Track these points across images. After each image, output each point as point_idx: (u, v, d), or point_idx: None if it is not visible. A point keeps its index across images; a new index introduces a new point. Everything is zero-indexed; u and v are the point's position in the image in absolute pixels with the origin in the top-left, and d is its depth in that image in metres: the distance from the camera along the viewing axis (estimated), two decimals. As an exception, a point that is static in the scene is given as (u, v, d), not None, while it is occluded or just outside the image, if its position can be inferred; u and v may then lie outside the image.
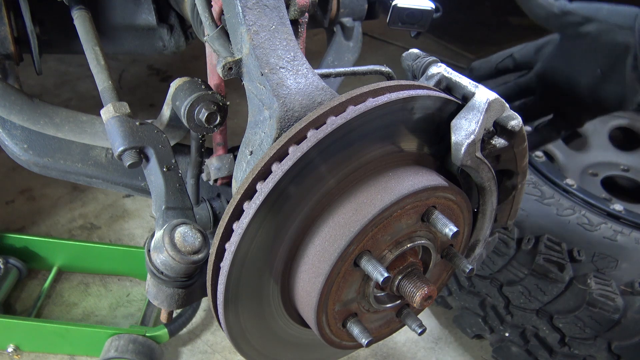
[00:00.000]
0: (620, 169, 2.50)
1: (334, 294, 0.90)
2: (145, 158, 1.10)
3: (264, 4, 0.99)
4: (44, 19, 1.54)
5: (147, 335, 2.05)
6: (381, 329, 1.04)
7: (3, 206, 2.74)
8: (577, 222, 1.91)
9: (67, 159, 1.49)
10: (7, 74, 1.55)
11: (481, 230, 1.10)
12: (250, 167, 0.99)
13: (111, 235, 2.67)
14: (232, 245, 0.85)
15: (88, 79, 3.49)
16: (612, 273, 1.78)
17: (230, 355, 2.22)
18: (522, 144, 1.04)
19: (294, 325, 1.02)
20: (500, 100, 0.94)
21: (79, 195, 2.85)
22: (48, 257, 2.38)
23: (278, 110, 0.92)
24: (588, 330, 1.77)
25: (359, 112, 0.84)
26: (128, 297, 2.40)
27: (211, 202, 1.47)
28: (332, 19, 1.86)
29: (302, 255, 0.91)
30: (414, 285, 0.93)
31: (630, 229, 1.90)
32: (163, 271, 0.95)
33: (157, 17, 1.64)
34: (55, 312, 2.31)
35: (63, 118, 1.49)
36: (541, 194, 2.00)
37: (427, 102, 0.92)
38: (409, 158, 0.96)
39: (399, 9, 1.63)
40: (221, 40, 1.07)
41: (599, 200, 2.01)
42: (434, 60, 1.04)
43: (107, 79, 1.25)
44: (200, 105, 1.11)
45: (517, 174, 1.09)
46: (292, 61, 0.98)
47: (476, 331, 2.09)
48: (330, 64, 1.86)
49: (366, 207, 0.87)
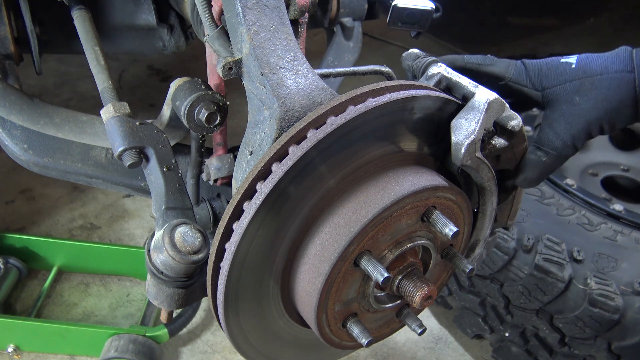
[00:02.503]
0: (620, 169, 2.50)
1: (334, 294, 0.90)
2: (145, 158, 1.10)
3: (264, 4, 0.99)
4: (44, 19, 1.54)
5: (147, 335, 2.06)
6: (381, 329, 1.04)
7: (3, 206, 2.74)
8: (577, 222, 1.91)
9: (67, 159, 1.49)
10: (7, 74, 1.55)
11: (481, 230, 1.10)
12: (250, 167, 0.99)
13: (111, 235, 2.67)
14: (232, 245, 0.85)
15: (88, 79, 3.49)
16: (612, 273, 1.78)
17: (230, 355, 2.22)
18: (522, 144, 1.04)
19: (294, 325, 1.02)
20: (500, 100, 0.94)
21: (79, 195, 2.85)
22: (48, 257, 2.38)
23: (278, 110, 0.92)
24: (588, 330, 1.77)
25: (359, 112, 0.84)
26: (128, 297, 2.40)
27: (211, 202, 1.47)
28: (332, 19, 1.86)
29: (302, 255, 0.91)
30: (414, 285, 0.93)
31: (630, 229, 1.91)
32: (163, 271, 0.95)
33: (157, 17, 1.64)
34: (55, 312, 2.31)
35: (63, 118, 1.49)
36: (541, 194, 2.00)
37: (427, 102, 0.92)
38: (409, 158, 0.96)
39: (399, 9, 1.63)
40: (221, 40, 1.07)
41: (599, 200, 2.01)
42: (434, 60, 1.04)
43: (107, 79, 1.25)
44: (200, 105, 1.11)
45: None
46: (292, 61, 0.98)
47: (476, 331, 2.09)
48: (330, 64, 1.86)
49: (366, 207, 0.87)
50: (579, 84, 1.03)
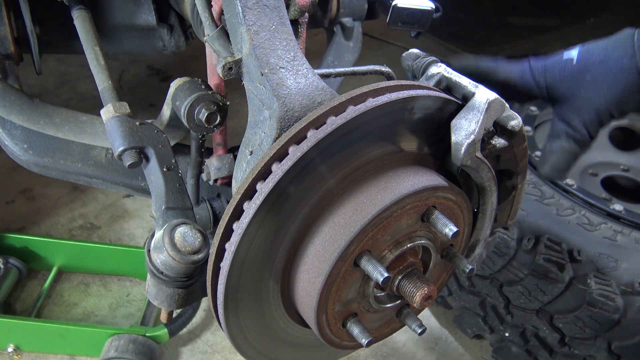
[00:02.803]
0: (620, 169, 2.50)
1: (334, 294, 0.90)
2: (145, 158, 1.10)
3: (264, 4, 0.99)
4: (44, 19, 1.54)
5: (147, 335, 2.06)
6: (381, 329, 1.04)
7: (3, 206, 2.74)
8: (577, 222, 1.91)
9: (67, 159, 1.49)
10: (7, 74, 1.55)
11: (481, 230, 1.10)
12: (250, 167, 0.99)
13: (111, 235, 2.67)
14: (232, 245, 0.85)
15: (88, 79, 3.49)
16: (612, 273, 1.77)
17: (230, 355, 2.22)
18: (522, 144, 1.04)
19: (294, 325, 1.02)
20: (500, 100, 0.94)
21: (79, 195, 2.85)
22: (48, 257, 2.38)
23: (278, 110, 0.92)
24: (588, 330, 1.77)
25: (359, 112, 0.84)
26: (128, 297, 2.40)
27: (211, 202, 1.47)
28: (332, 19, 1.86)
29: (302, 256, 0.91)
30: (414, 285, 0.93)
31: (630, 229, 1.90)
32: (163, 271, 0.95)
33: (157, 17, 1.64)
34: (55, 312, 2.31)
35: (63, 118, 1.49)
36: (541, 194, 2.00)
37: (427, 102, 0.92)
38: (409, 158, 0.96)
39: (399, 9, 1.63)
40: (221, 40, 1.07)
41: (599, 200, 2.01)
42: (434, 60, 1.04)
43: (107, 79, 1.25)
44: (200, 105, 1.11)
45: (517, 174, 1.09)
46: (292, 61, 0.98)
47: (476, 331, 2.09)
48: (330, 64, 1.86)
49: (366, 207, 0.87)
50: (581, 79, 1.05)
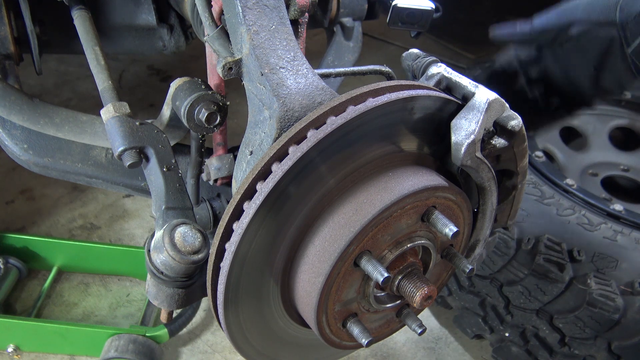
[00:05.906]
0: (620, 169, 2.50)
1: (334, 294, 0.90)
2: (145, 158, 1.10)
3: (264, 4, 0.99)
4: (44, 19, 1.54)
5: (147, 335, 2.05)
6: (381, 329, 1.04)
7: (3, 206, 2.74)
8: (577, 222, 1.91)
9: (67, 159, 1.49)
10: (7, 74, 1.55)
11: (481, 230, 1.10)
12: (250, 167, 0.99)
13: (111, 235, 2.67)
14: (232, 245, 0.85)
15: (88, 79, 3.49)
16: (612, 273, 1.77)
17: (230, 355, 2.22)
18: (522, 144, 1.04)
19: (294, 325, 1.02)
20: (500, 100, 0.94)
21: (79, 195, 2.85)
22: (48, 257, 2.38)
23: (278, 110, 0.92)
24: (588, 330, 1.77)
25: (359, 112, 0.84)
26: (128, 297, 2.40)
27: (211, 202, 1.47)
28: (332, 19, 1.86)
29: (302, 255, 0.91)
30: (414, 285, 0.93)
31: (630, 229, 1.90)
32: (163, 271, 0.95)
33: (157, 17, 1.64)
34: (55, 312, 2.31)
35: (63, 118, 1.49)
36: (541, 194, 2.00)
37: (427, 102, 0.92)
38: (409, 158, 0.96)
39: (399, 9, 1.63)
40: (221, 40, 1.07)
41: (599, 200, 2.01)
42: (434, 60, 1.04)
43: (107, 79, 1.25)
44: (200, 105, 1.11)
45: (517, 174, 1.09)
46: (292, 61, 0.98)
47: (476, 331, 2.09)
48: (330, 64, 1.86)
49: (366, 207, 0.87)
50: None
